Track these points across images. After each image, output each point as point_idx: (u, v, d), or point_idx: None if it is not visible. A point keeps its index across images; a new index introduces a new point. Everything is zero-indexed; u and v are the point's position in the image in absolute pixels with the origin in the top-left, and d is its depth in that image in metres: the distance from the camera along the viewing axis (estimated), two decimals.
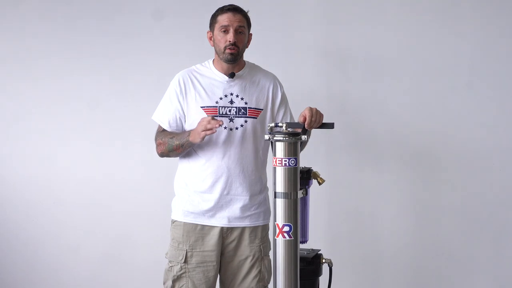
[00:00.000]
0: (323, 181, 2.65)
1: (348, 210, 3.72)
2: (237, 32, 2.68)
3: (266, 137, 2.47)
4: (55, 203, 3.81)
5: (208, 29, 2.80)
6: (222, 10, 2.72)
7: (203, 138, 2.56)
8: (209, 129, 2.51)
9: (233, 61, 2.71)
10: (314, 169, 2.65)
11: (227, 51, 2.68)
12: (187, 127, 2.75)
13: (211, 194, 2.72)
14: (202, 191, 2.73)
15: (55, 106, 3.79)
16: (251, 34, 2.80)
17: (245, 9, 2.75)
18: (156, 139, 2.78)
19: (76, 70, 3.75)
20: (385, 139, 3.67)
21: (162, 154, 2.77)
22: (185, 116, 2.75)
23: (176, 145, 2.66)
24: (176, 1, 3.74)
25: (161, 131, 2.77)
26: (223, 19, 2.69)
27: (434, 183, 3.66)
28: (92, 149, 3.78)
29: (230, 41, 2.66)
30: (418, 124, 3.65)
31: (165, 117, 2.76)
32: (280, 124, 2.46)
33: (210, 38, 2.78)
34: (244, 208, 2.74)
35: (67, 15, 3.76)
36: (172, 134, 2.72)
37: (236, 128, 2.73)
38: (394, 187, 3.67)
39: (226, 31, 2.68)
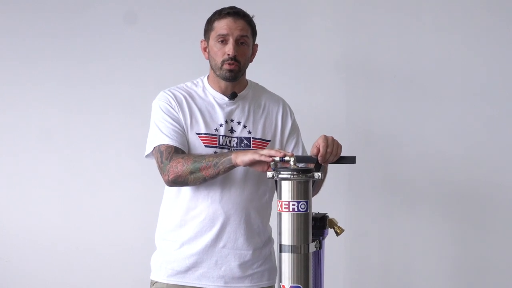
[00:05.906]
0: (342, 230, 2.54)
1: (374, 267, 3.55)
2: (238, 43, 2.44)
3: (269, 174, 2.19)
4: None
5: (203, 37, 2.55)
6: (220, 14, 2.46)
7: (253, 158, 2.26)
8: (267, 155, 2.23)
9: (233, 79, 2.46)
10: (331, 215, 2.55)
11: (225, 66, 2.43)
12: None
13: (203, 246, 2.47)
14: (191, 243, 2.48)
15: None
16: (256, 45, 2.57)
17: (250, 14, 2.50)
18: (170, 159, 2.42)
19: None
20: (422, 177, 3.47)
21: (176, 178, 2.40)
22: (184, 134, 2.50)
23: (207, 162, 2.35)
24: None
25: (174, 152, 2.47)
26: (221, 26, 2.44)
27: (486, 235, 3.44)
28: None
29: (229, 54, 2.43)
30: (464, 157, 3.46)
31: (167, 135, 2.46)
32: (287, 158, 2.19)
33: (205, 49, 2.54)
34: (244, 266, 2.49)
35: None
36: (198, 154, 2.46)
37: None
38: (433, 239, 3.48)
39: (224, 41, 2.44)
